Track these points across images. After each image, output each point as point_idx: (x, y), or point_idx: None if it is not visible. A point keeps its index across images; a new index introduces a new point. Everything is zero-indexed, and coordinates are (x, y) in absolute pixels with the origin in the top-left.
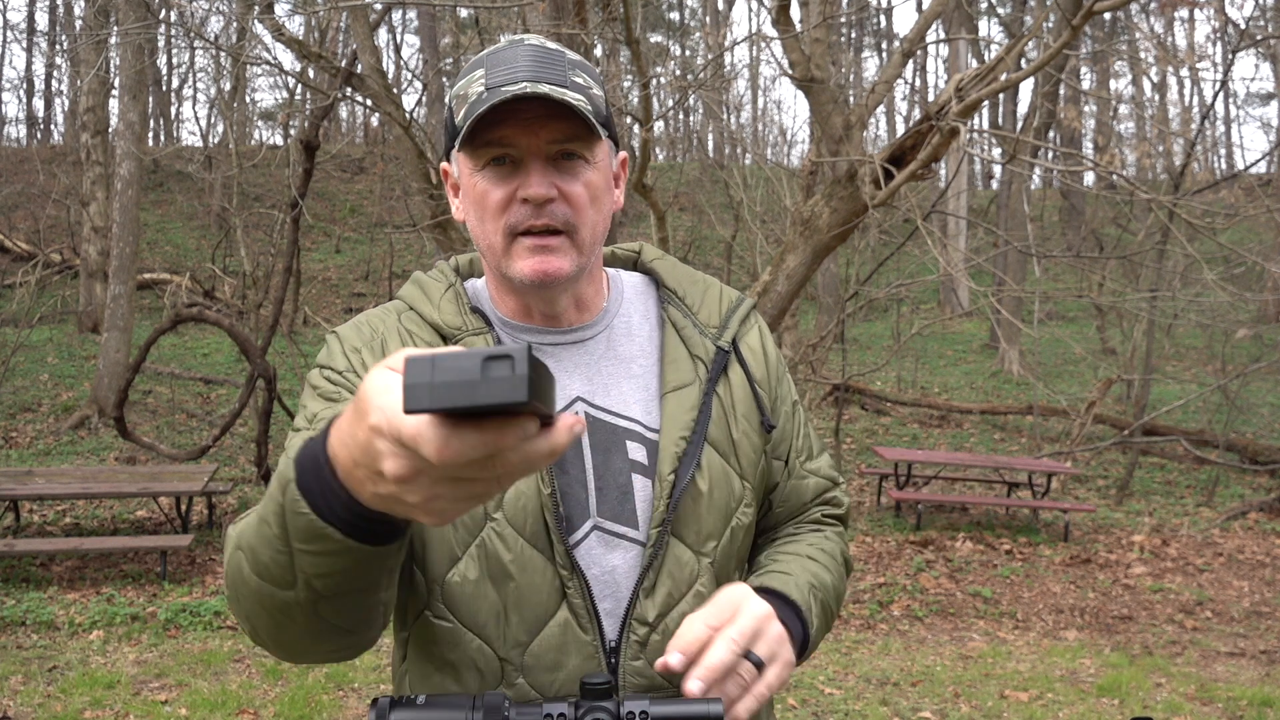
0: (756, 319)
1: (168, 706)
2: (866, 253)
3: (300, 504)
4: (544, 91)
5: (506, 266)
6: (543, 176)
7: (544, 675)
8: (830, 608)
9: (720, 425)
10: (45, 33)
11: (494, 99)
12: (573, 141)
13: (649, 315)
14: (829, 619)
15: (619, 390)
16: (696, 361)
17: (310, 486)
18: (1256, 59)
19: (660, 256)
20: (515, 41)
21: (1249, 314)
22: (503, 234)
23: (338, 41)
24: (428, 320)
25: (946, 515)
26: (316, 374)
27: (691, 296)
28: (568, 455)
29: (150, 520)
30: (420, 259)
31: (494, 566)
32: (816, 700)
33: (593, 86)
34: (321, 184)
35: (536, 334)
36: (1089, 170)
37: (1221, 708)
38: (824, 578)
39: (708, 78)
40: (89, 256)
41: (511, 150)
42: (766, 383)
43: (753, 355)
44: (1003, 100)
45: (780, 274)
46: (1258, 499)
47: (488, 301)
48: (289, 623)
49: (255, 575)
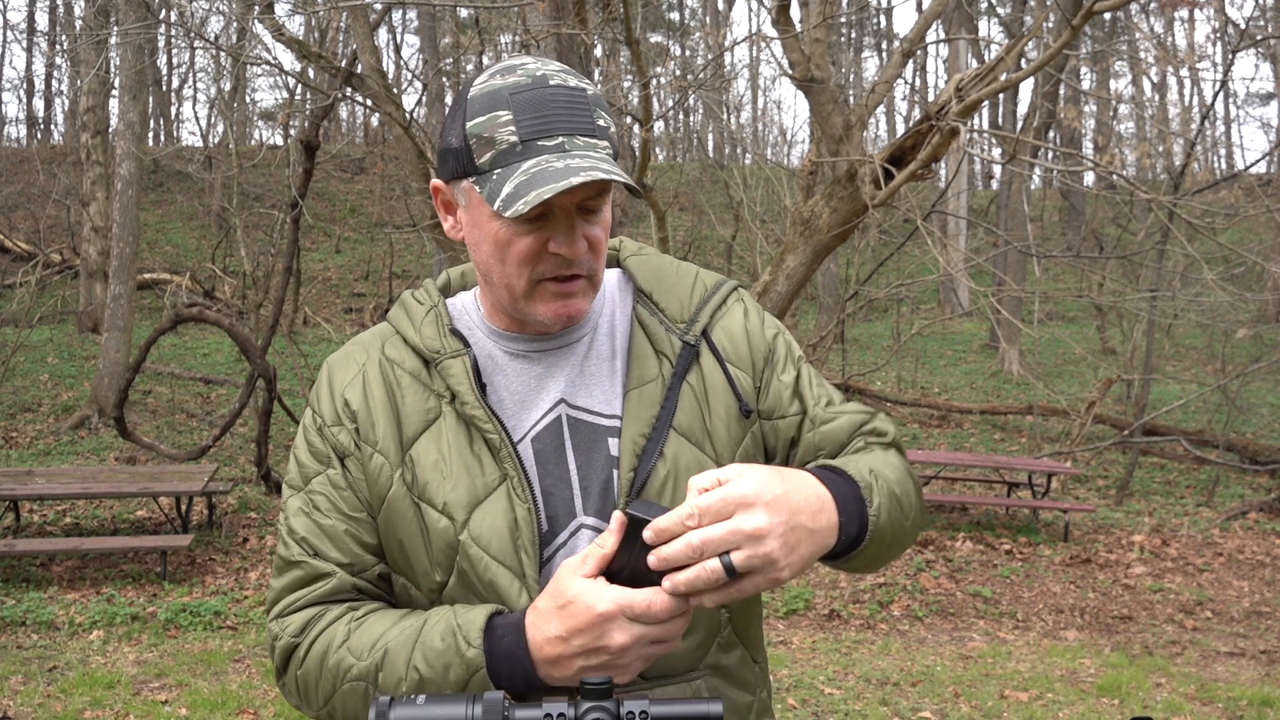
0: (740, 299)
1: (168, 706)
2: (866, 253)
3: (488, 686)
4: (588, 173)
5: (526, 307)
6: (576, 234)
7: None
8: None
9: (693, 415)
10: (45, 33)
11: (530, 155)
12: (601, 196)
13: (626, 313)
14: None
15: (600, 389)
16: (661, 358)
17: (501, 674)
18: (1256, 59)
19: (635, 253)
20: (539, 80)
21: (1249, 314)
22: (527, 280)
23: (338, 41)
24: (410, 344)
25: (946, 515)
26: (309, 418)
27: (660, 293)
28: (551, 457)
29: (150, 520)
30: (420, 259)
31: (470, 581)
32: (816, 700)
33: (610, 125)
34: (321, 184)
35: (526, 342)
36: (1089, 170)
37: (1221, 708)
38: (884, 472)
39: (708, 78)
40: (89, 256)
41: (543, 206)
42: (748, 363)
43: (729, 339)
44: (1003, 100)
45: (780, 274)
46: (1258, 499)
47: (475, 314)
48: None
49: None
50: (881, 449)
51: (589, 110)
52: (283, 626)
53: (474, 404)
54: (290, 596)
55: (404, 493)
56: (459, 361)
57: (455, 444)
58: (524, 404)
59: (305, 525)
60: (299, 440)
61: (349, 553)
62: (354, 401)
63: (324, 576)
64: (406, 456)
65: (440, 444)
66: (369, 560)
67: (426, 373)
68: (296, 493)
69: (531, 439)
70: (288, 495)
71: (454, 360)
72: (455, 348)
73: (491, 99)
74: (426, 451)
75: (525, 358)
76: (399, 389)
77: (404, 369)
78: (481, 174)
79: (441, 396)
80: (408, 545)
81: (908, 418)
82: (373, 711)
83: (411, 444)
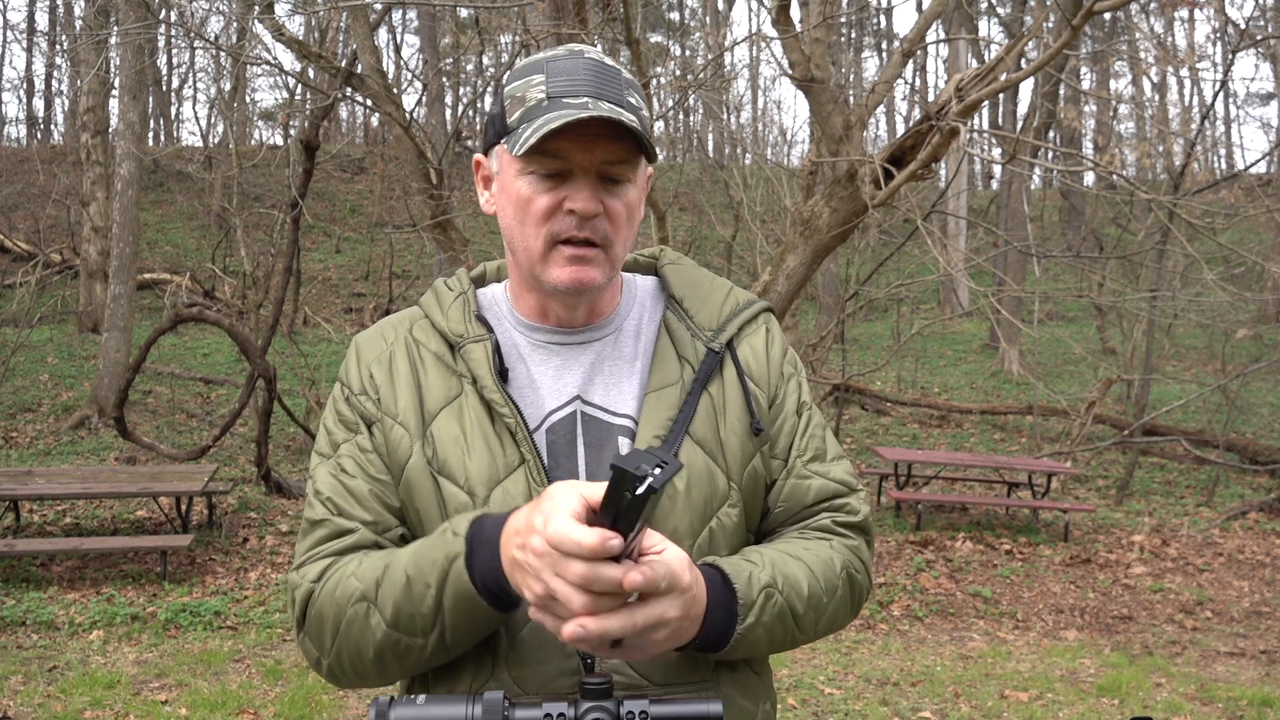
0: (767, 322)
1: (168, 706)
2: (866, 253)
3: (464, 576)
4: (607, 113)
5: (541, 271)
6: (593, 193)
7: (525, 670)
8: (794, 612)
9: (708, 424)
10: (45, 33)
11: (555, 109)
12: (623, 164)
13: (655, 319)
14: (786, 624)
15: (618, 389)
16: (684, 363)
17: (475, 566)
18: (1256, 59)
19: (674, 262)
20: (575, 52)
21: (1249, 314)
22: (544, 240)
23: (338, 41)
24: (437, 327)
25: (946, 515)
26: (338, 390)
27: (691, 300)
28: (563, 450)
29: (150, 520)
30: (420, 259)
31: None
32: (816, 700)
33: (643, 107)
34: (321, 184)
35: (548, 334)
36: (1089, 170)
37: (1221, 708)
38: (797, 579)
39: (708, 78)
40: (89, 256)
41: (564, 163)
42: (765, 383)
43: (753, 356)
44: (1003, 100)
45: (780, 274)
46: (1258, 499)
47: (504, 303)
48: (396, 663)
49: (389, 626)
50: (841, 536)
51: (620, 85)
52: (302, 575)
53: (492, 388)
54: (312, 551)
55: (423, 465)
56: (481, 346)
57: (478, 423)
58: (541, 394)
59: (331, 486)
60: (327, 410)
61: (373, 511)
62: (379, 375)
63: (347, 532)
64: (428, 432)
65: (462, 421)
66: (392, 521)
67: (451, 355)
68: (324, 460)
69: (546, 429)
70: (315, 463)
71: (476, 345)
72: (479, 333)
73: (530, 66)
74: (448, 427)
75: (545, 348)
76: (423, 367)
77: (429, 349)
78: (511, 132)
79: (464, 377)
80: (424, 516)
81: (908, 418)
82: (373, 711)
83: (433, 419)
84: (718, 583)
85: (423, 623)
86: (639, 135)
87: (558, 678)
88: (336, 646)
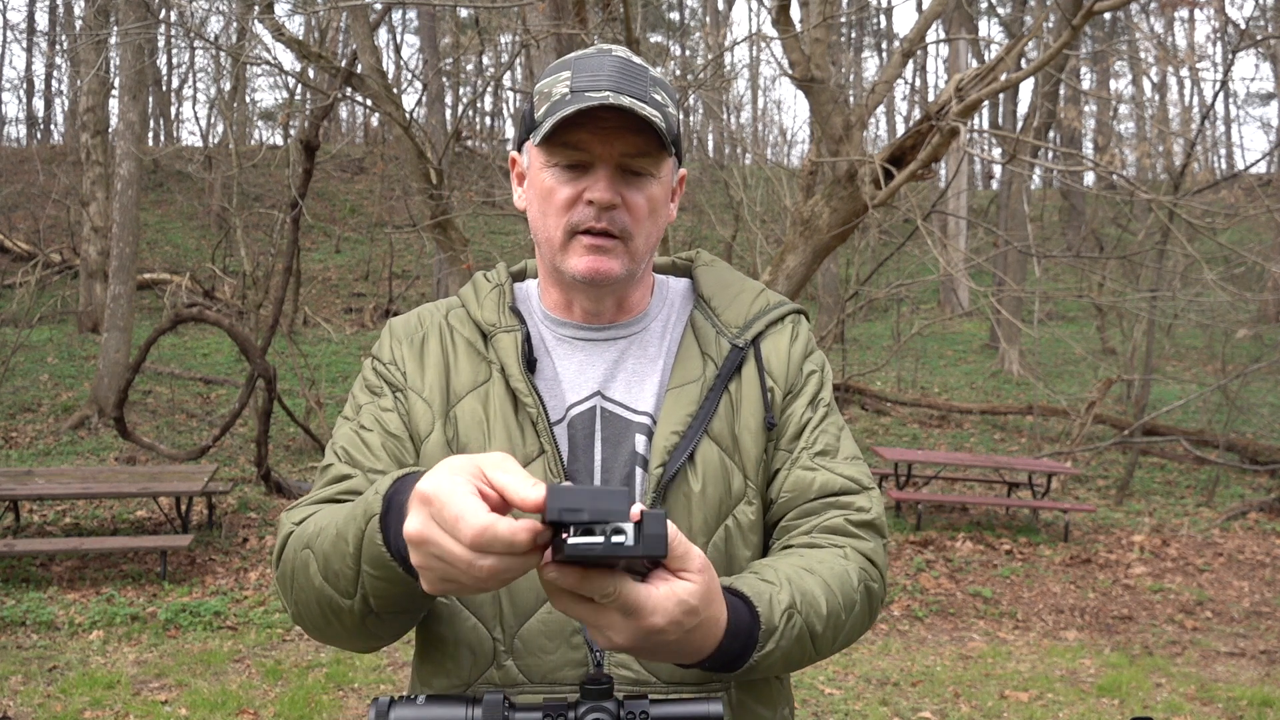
0: (796, 324)
1: (168, 706)
2: (866, 253)
3: (377, 537)
4: (625, 104)
5: (561, 261)
6: (610, 183)
7: (531, 660)
8: (813, 633)
9: (726, 421)
10: (45, 33)
11: (577, 103)
12: (643, 157)
13: (683, 318)
14: (804, 646)
15: (639, 386)
16: (707, 360)
17: (390, 525)
18: (1256, 59)
19: (708, 264)
20: (604, 50)
21: (1249, 314)
22: (563, 230)
23: (338, 41)
24: (472, 317)
25: (946, 515)
26: (368, 364)
27: (720, 299)
28: (581, 444)
29: (150, 520)
30: (420, 259)
31: None
32: (816, 700)
33: (669, 105)
34: (321, 184)
35: (573, 328)
36: (1089, 170)
37: (1221, 708)
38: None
39: (708, 78)
40: (89, 256)
41: (585, 155)
42: (783, 379)
43: (774, 353)
44: (1003, 100)
45: (780, 274)
46: (1258, 499)
47: (535, 298)
48: (337, 622)
49: (322, 578)
50: (854, 539)
51: (645, 82)
52: (289, 516)
53: (518, 377)
54: (313, 496)
55: (443, 443)
56: (511, 336)
57: (501, 409)
58: (564, 387)
59: (347, 437)
60: (356, 383)
61: (384, 462)
62: (408, 353)
63: (345, 478)
64: (451, 412)
65: (487, 406)
66: None
67: (483, 343)
68: (347, 421)
69: (567, 423)
70: (338, 426)
71: (506, 335)
72: (510, 324)
73: (560, 64)
74: (472, 410)
75: (569, 343)
76: (454, 350)
77: (462, 335)
78: (538, 126)
79: (493, 365)
80: None
81: (908, 418)
82: (373, 712)
83: (458, 401)
84: (740, 608)
85: (346, 583)
86: (658, 129)
87: (563, 668)
88: (294, 594)
